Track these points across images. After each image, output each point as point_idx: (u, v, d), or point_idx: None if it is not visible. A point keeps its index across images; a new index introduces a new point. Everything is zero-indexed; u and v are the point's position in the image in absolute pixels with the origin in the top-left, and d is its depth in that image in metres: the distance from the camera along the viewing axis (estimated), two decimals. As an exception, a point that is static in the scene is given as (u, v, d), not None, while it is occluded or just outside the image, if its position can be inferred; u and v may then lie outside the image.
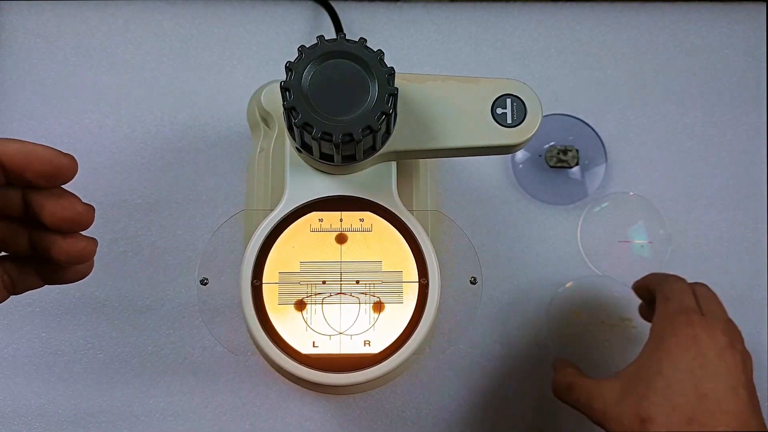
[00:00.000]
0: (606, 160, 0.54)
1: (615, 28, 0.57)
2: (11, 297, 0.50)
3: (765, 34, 0.57)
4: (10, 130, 0.52)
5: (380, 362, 0.36)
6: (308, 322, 0.36)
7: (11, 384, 0.49)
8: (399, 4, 0.57)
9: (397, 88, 0.32)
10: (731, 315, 0.40)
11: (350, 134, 0.32)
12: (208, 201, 0.52)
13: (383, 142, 0.35)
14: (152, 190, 0.52)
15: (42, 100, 0.53)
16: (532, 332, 0.51)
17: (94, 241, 0.31)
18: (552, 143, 0.53)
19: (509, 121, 0.36)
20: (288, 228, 0.37)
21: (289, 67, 0.32)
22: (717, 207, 0.54)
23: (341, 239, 0.37)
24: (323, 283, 0.37)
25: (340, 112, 0.32)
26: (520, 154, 0.54)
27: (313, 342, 0.36)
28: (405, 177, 0.43)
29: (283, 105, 0.32)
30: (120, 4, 0.55)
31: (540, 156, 0.53)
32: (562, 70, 0.56)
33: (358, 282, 0.37)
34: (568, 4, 0.57)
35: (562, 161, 0.52)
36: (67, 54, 0.54)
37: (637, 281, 0.47)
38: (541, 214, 0.53)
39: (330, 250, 0.37)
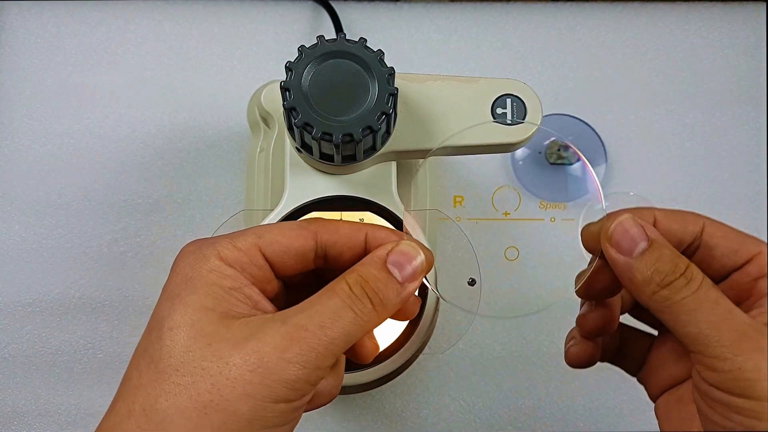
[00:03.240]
0: (606, 160, 0.53)
1: (615, 28, 0.57)
2: (11, 297, 0.50)
3: (765, 34, 0.57)
4: (11, 130, 0.52)
5: (380, 362, 0.36)
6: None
7: (11, 384, 0.49)
8: (399, 4, 0.57)
9: (397, 88, 0.32)
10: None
11: (350, 134, 0.32)
12: (208, 201, 0.52)
13: (383, 142, 0.35)
14: (152, 190, 0.52)
15: (42, 100, 0.53)
16: (532, 332, 0.51)
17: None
18: (552, 138, 0.53)
19: (509, 120, 0.36)
20: (288, 228, 0.37)
21: (289, 67, 0.32)
22: (717, 207, 0.53)
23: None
24: None
25: (340, 112, 0.32)
26: (520, 151, 0.54)
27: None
28: (405, 177, 0.43)
29: (283, 105, 0.32)
30: (120, 4, 0.55)
31: (540, 153, 0.53)
32: (562, 70, 0.56)
33: None
34: (568, 4, 0.57)
35: (562, 158, 0.52)
36: (67, 54, 0.54)
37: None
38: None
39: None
